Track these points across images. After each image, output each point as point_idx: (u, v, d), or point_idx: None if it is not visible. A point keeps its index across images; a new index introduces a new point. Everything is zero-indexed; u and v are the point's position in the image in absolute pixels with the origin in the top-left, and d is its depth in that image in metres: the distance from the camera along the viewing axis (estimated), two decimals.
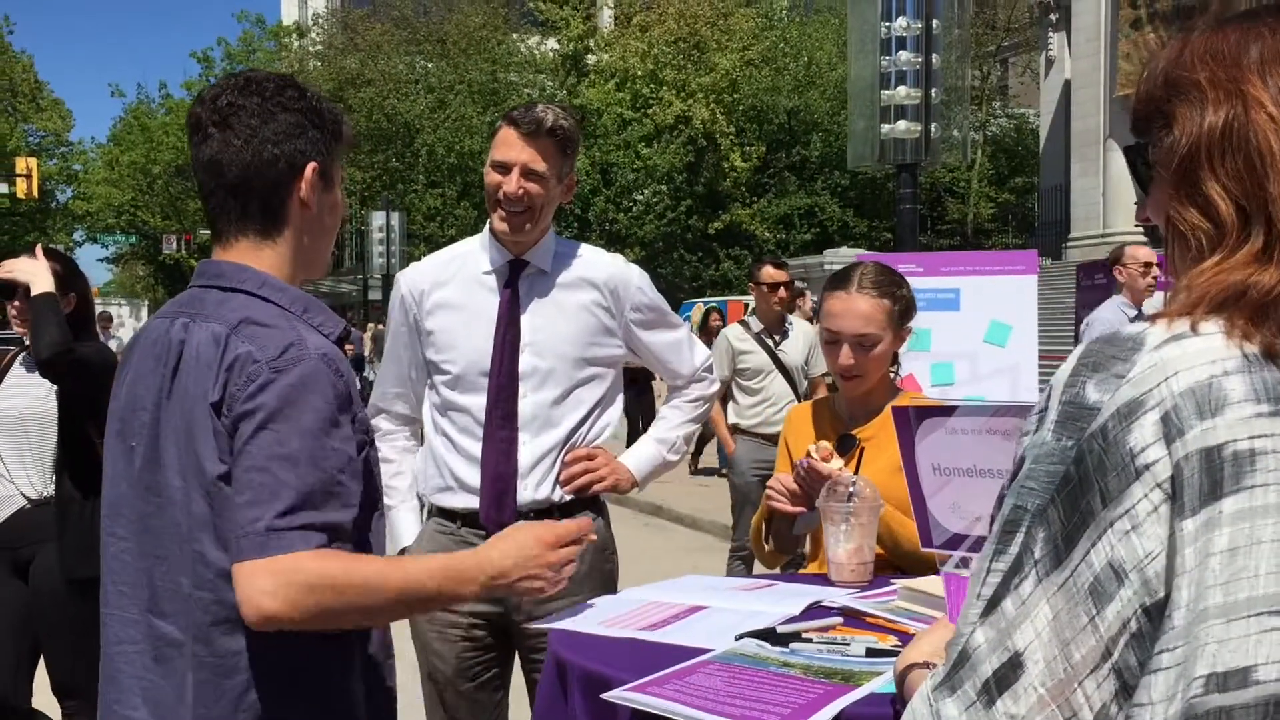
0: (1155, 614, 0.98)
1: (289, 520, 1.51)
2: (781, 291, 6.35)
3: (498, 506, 2.63)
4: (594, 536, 1.89)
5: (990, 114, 33.27)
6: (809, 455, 2.52)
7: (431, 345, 2.72)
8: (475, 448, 2.66)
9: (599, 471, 2.71)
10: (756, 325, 6.44)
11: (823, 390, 6.08)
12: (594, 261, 2.78)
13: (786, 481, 2.57)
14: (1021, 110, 34.87)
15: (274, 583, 1.49)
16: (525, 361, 2.66)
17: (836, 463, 2.51)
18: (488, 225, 2.75)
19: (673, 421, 2.95)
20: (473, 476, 2.66)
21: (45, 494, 3.53)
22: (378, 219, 26.46)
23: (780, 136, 30.17)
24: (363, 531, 1.65)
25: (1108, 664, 0.99)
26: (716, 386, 3.06)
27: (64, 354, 3.24)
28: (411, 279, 2.79)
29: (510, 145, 2.62)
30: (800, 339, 6.46)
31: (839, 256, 18.78)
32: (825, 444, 2.56)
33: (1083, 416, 1.02)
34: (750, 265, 7.33)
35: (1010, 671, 1.00)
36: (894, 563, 2.47)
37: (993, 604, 1.03)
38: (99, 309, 20.60)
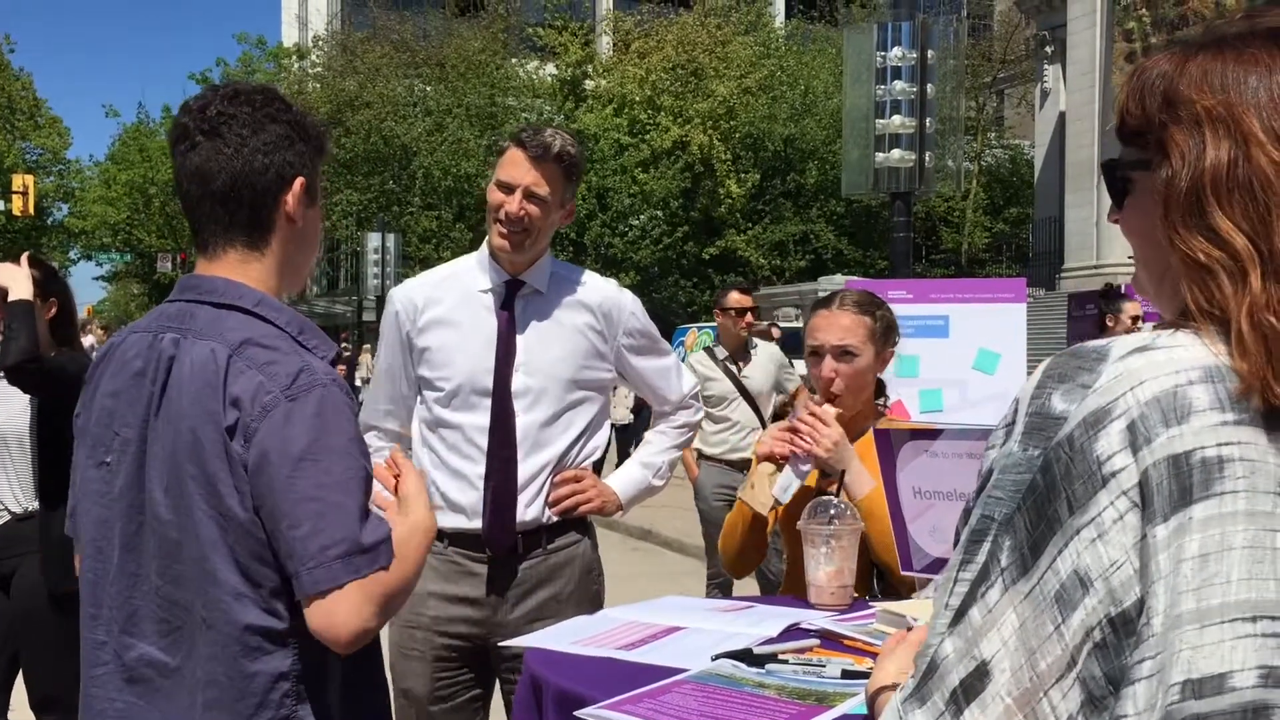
0: (1120, 625, 0.98)
1: (359, 543, 1.55)
2: (749, 316, 6.34)
3: (500, 526, 2.64)
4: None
5: (986, 145, 33.41)
6: (810, 406, 2.54)
7: (425, 362, 2.72)
8: (465, 466, 2.66)
9: (587, 493, 2.73)
10: (722, 353, 6.38)
11: (803, 396, 6.06)
12: (588, 285, 2.79)
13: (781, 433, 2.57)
14: (1017, 141, 35.03)
15: (369, 602, 1.55)
16: (518, 381, 2.66)
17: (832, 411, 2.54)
18: (485, 244, 2.76)
19: (658, 447, 2.97)
20: (461, 495, 2.66)
21: (29, 508, 3.52)
22: (373, 240, 26.45)
23: (776, 164, 30.26)
24: None
25: (1073, 673, 0.99)
26: (701, 415, 3.09)
27: (29, 361, 3.19)
28: (406, 295, 2.79)
29: (516, 166, 2.65)
30: (765, 362, 6.41)
31: (832, 283, 18.81)
32: (829, 407, 2.57)
33: (1049, 426, 1.03)
34: (716, 292, 7.26)
35: (977, 681, 1.01)
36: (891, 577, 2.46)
37: (960, 614, 1.03)
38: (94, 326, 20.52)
